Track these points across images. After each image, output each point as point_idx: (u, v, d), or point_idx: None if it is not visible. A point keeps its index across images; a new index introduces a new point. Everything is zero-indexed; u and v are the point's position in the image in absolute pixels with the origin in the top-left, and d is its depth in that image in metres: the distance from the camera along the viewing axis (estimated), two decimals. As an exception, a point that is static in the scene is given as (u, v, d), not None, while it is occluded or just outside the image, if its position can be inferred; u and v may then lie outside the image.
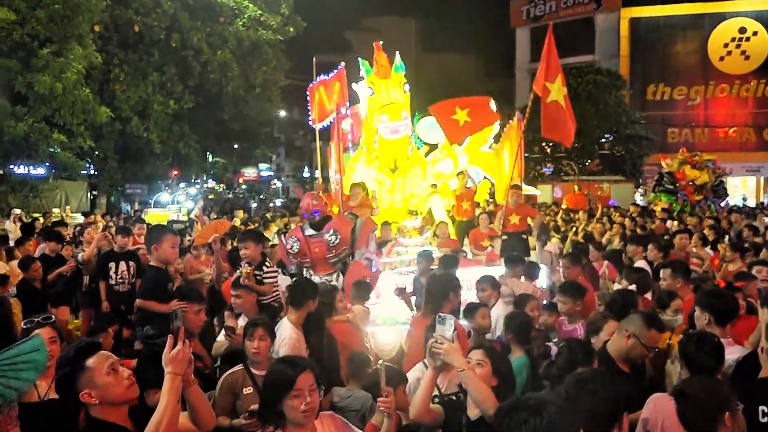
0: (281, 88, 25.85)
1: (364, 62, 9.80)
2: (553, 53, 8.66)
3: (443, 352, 2.81)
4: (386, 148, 9.77)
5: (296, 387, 2.51)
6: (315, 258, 6.59)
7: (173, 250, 5.18)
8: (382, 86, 9.59)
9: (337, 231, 6.60)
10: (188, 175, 30.38)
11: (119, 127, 19.18)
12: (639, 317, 3.64)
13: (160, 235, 5.17)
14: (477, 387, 2.87)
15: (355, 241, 6.84)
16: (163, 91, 20.07)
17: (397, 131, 9.51)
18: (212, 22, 21.16)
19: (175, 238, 5.29)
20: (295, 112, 50.83)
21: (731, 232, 11.79)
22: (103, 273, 7.12)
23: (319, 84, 10.15)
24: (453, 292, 4.72)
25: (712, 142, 31.81)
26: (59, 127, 15.92)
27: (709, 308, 3.80)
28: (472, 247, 9.70)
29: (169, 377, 2.57)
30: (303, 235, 6.68)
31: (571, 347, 3.27)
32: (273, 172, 64.61)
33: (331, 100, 9.96)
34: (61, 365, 2.60)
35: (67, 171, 17.45)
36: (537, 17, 36.49)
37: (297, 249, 6.62)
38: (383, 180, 9.82)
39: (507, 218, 8.92)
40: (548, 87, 8.45)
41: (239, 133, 28.58)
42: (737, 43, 32.29)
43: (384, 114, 9.44)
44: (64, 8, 15.30)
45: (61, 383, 2.59)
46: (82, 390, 2.49)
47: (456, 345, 2.87)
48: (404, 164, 9.96)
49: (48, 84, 14.55)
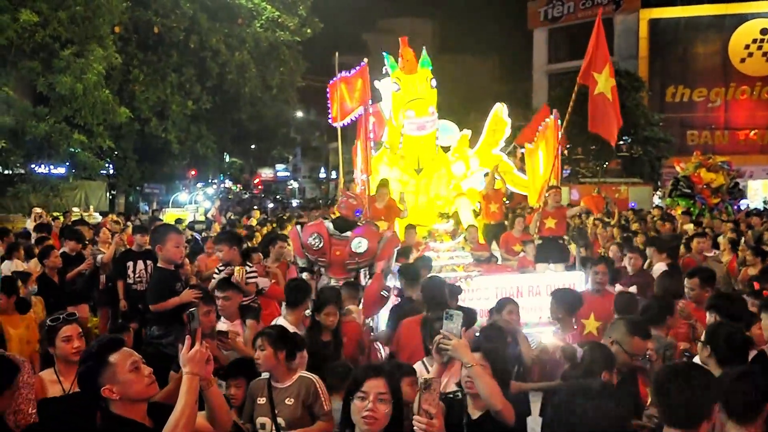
0: (298, 89, 25.95)
1: (389, 57, 9.55)
2: (602, 41, 8.12)
3: (452, 347, 2.81)
4: (411, 146, 9.43)
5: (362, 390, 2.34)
6: (334, 260, 6.44)
7: (177, 250, 5.13)
8: (409, 82, 9.23)
9: (365, 240, 6.39)
10: (206, 175, 30.64)
11: (138, 128, 19.38)
12: (623, 324, 3.65)
13: (163, 236, 5.11)
14: (486, 383, 2.88)
15: (377, 253, 6.51)
16: (182, 92, 20.24)
17: (423, 127, 9.16)
18: (231, 23, 21.31)
19: (179, 237, 5.24)
20: (311, 113, 51.01)
21: (751, 235, 11.65)
22: (121, 272, 7.20)
23: (340, 81, 9.82)
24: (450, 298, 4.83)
25: (732, 145, 31.41)
26: (79, 128, 16.11)
27: (718, 311, 3.78)
28: (502, 252, 9.36)
29: (188, 377, 2.60)
30: (327, 234, 6.53)
31: (593, 351, 3.26)
32: (289, 173, 64.91)
33: (353, 97, 9.68)
34: (84, 360, 2.65)
35: (86, 171, 17.64)
36: (555, 18, 36.30)
37: (319, 246, 6.44)
38: (407, 181, 9.49)
39: (543, 221, 8.43)
40: (595, 78, 7.95)
41: (256, 133, 28.77)
42: (759, 45, 31.85)
43: (410, 110, 9.10)
44: (85, 10, 15.49)
45: (84, 377, 2.61)
46: (104, 385, 2.53)
47: (464, 341, 2.89)
48: (430, 164, 9.59)
49: (69, 85, 14.73)
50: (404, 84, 9.24)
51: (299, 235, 6.66)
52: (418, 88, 9.21)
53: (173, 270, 5.17)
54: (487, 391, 2.85)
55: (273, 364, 3.59)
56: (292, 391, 3.57)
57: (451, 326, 2.87)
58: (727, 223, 12.40)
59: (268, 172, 64.15)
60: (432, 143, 9.59)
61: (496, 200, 10.40)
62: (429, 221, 8.96)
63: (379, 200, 8.42)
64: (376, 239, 6.49)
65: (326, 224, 6.76)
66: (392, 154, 9.62)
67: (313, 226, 6.92)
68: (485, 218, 10.29)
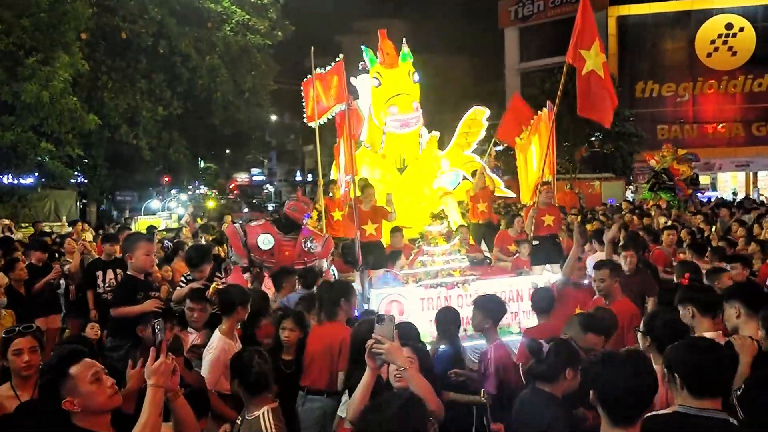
0: (271, 93, 25.80)
1: (368, 51, 9.19)
2: (589, 15, 7.47)
3: (385, 351, 2.82)
4: (394, 145, 9.05)
5: None
6: (282, 261, 6.54)
7: (147, 258, 5.10)
8: (390, 76, 8.87)
9: (313, 240, 6.69)
10: (180, 181, 30.31)
11: (108, 135, 19.10)
12: (577, 320, 3.69)
13: (133, 244, 5.09)
14: (419, 384, 2.91)
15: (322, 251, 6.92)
16: (152, 98, 19.98)
17: (407, 125, 8.82)
18: (200, 27, 21.11)
19: (149, 245, 5.20)
20: (285, 116, 50.80)
21: (720, 227, 11.87)
22: (91, 282, 7.09)
23: (315, 78, 9.37)
24: (345, 299, 4.70)
25: (701, 138, 32.01)
26: (47, 136, 15.82)
27: (691, 302, 3.80)
28: (497, 251, 8.92)
29: (152, 390, 2.59)
30: (276, 235, 6.64)
31: (559, 347, 3.27)
32: (265, 177, 64.59)
33: (329, 95, 9.18)
34: (44, 372, 2.60)
35: (56, 180, 17.36)
36: (525, 17, 36.62)
37: (270, 247, 6.57)
38: (391, 181, 9.09)
39: (539, 219, 7.90)
40: (583, 55, 7.27)
41: (230, 138, 28.51)
42: (724, 40, 32.49)
43: (393, 106, 8.73)
44: (50, 16, 15.20)
45: (44, 390, 2.57)
46: (65, 398, 2.48)
47: (397, 343, 2.88)
48: (414, 163, 9.25)
49: (35, 93, 14.45)
50: (385, 79, 8.88)
51: (239, 234, 6.68)
52: (400, 83, 8.85)
53: (142, 279, 5.09)
54: (421, 391, 2.80)
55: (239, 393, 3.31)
56: (245, 429, 3.22)
57: (383, 330, 2.85)
58: (697, 216, 12.61)
59: (243, 176, 63.73)
60: (416, 141, 9.26)
61: (484, 199, 10.01)
62: (414, 223, 8.70)
63: (365, 202, 7.96)
64: (321, 240, 6.86)
65: (272, 225, 6.89)
66: (373, 154, 9.29)
67: (259, 227, 6.95)
68: (473, 218, 9.98)
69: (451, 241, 6.52)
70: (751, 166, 32.89)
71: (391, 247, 7.98)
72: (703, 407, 2.49)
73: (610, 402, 2.37)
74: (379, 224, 8.14)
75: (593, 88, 7.31)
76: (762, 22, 32.17)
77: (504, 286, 6.07)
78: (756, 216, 12.89)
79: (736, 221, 11.56)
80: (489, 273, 7.09)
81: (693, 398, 2.50)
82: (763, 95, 32.26)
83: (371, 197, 8.12)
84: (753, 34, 32.17)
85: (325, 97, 9.22)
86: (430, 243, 6.40)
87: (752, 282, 6.03)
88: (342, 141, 7.94)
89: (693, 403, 2.50)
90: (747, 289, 4.00)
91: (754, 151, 32.09)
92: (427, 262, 6.29)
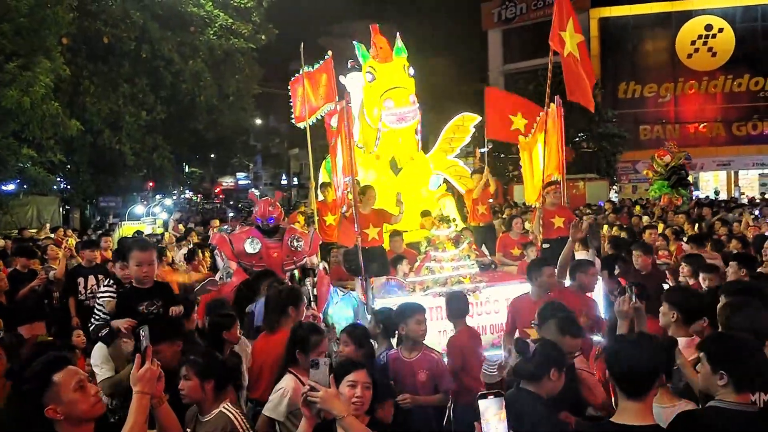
0: (255, 97, 25.72)
1: (360, 46, 8.85)
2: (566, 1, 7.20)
3: (320, 399, 2.59)
4: (388, 144, 8.67)
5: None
6: (272, 263, 6.54)
7: (139, 269, 4.95)
8: (385, 71, 8.51)
9: (299, 238, 6.69)
10: (165, 186, 30.11)
11: (91, 140, 18.91)
12: (554, 323, 3.69)
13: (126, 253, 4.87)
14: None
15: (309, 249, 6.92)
16: (135, 103, 19.83)
17: (404, 119, 8.39)
18: (183, 31, 20.99)
19: (142, 254, 5.08)
20: (270, 120, 50.68)
21: (704, 226, 12.01)
22: (72, 288, 7.03)
23: (303, 77, 9.03)
24: (293, 306, 4.48)
25: (683, 138, 32.35)
26: (28, 142, 15.62)
27: (677, 306, 3.75)
28: (500, 255, 8.57)
29: (137, 396, 2.58)
30: (262, 238, 6.66)
31: (545, 348, 3.29)
32: (251, 181, 64.39)
33: (317, 94, 8.90)
34: (28, 380, 2.54)
35: (37, 186, 17.14)
36: (508, 19, 36.84)
37: (257, 249, 6.58)
38: (385, 183, 8.66)
39: (548, 221, 7.43)
40: (563, 37, 7.08)
41: (215, 142, 28.45)
42: (704, 41, 32.91)
43: (389, 99, 8.30)
44: (30, 21, 15.02)
45: (27, 398, 2.51)
46: (48, 405, 2.44)
47: (333, 390, 2.66)
48: (409, 163, 8.92)
49: (15, 98, 14.25)
50: (380, 73, 8.53)
51: (229, 242, 6.69)
52: (395, 76, 8.49)
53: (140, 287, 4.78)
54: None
55: (199, 395, 3.29)
56: (208, 428, 3.25)
57: (318, 375, 2.63)
58: (679, 215, 12.74)
59: (229, 180, 63.59)
60: (411, 139, 8.89)
61: (483, 201, 9.66)
62: (412, 226, 8.42)
63: (364, 205, 7.55)
64: (307, 238, 6.87)
65: (256, 230, 6.86)
66: (366, 155, 8.91)
67: (244, 232, 6.96)
68: (473, 220, 9.62)
69: (460, 245, 6.13)
70: (732, 165, 33.33)
71: (392, 252, 7.63)
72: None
73: (622, 378, 2.59)
74: (381, 228, 7.78)
75: (574, 69, 7.17)
76: (741, 23, 32.65)
77: (517, 293, 5.66)
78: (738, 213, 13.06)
79: (719, 219, 11.72)
80: (498, 279, 6.76)
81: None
82: (742, 95, 32.73)
83: (372, 200, 7.80)
84: (732, 35, 32.62)
85: (314, 96, 8.93)
86: (438, 248, 6.01)
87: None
88: (339, 141, 7.45)
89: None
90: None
91: (735, 151, 32.55)
92: (435, 268, 5.94)
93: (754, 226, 10.40)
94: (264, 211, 6.84)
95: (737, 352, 2.69)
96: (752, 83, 32.57)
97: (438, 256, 5.97)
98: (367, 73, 8.65)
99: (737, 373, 2.62)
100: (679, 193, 17.63)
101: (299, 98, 9.21)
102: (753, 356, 2.66)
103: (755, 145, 32.42)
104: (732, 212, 14.99)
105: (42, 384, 2.48)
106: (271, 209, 6.87)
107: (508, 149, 28.39)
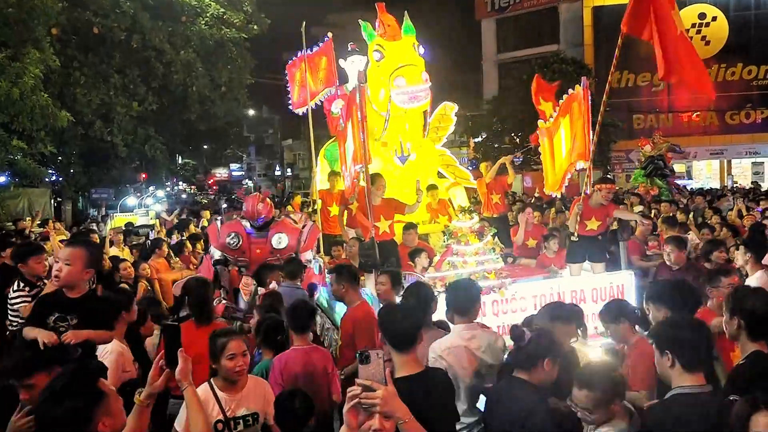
0: (248, 87, 25.59)
1: (366, 25, 8.41)
2: None
3: (380, 400, 2.04)
4: (395, 130, 8.24)
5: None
6: (255, 259, 6.52)
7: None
8: (394, 49, 8.03)
9: (284, 236, 6.61)
10: (158, 177, 29.98)
11: (82, 132, 18.76)
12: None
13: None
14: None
15: (300, 246, 6.76)
16: (126, 93, 19.66)
17: (417, 98, 7.86)
18: (174, 21, 20.78)
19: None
20: (263, 110, 50.46)
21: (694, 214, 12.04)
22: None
23: (300, 60, 8.59)
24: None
25: (676, 127, 32.39)
26: (18, 134, 15.50)
27: (660, 301, 3.79)
28: (514, 248, 8.29)
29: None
30: (246, 233, 6.62)
31: (540, 337, 3.29)
32: (244, 172, 64.26)
33: (317, 78, 8.51)
34: (76, 394, 2.25)
35: (28, 178, 17.03)
36: (502, 8, 36.68)
37: (236, 246, 6.55)
38: (392, 171, 8.23)
39: (584, 223, 7.05)
40: (672, 16, 6.48)
41: (207, 133, 28.30)
42: (697, 29, 32.83)
43: (400, 77, 7.75)
44: (18, 11, 14.85)
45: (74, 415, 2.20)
46: (98, 419, 2.22)
47: (391, 387, 2.10)
48: (418, 150, 8.50)
49: (4, 89, 14.12)
50: (388, 51, 8.03)
51: (218, 232, 6.73)
52: (405, 54, 8.01)
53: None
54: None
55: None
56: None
57: (372, 371, 2.06)
58: (662, 204, 12.73)
59: (222, 171, 63.45)
60: (419, 124, 8.49)
61: (498, 190, 9.23)
62: (420, 218, 8.13)
63: (375, 195, 6.99)
64: (296, 234, 6.74)
65: (243, 223, 6.82)
66: (372, 142, 8.18)
67: (230, 225, 6.90)
68: (486, 211, 9.22)
69: (484, 238, 5.65)
70: (725, 154, 33.40)
71: (404, 246, 7.20)
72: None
73: (682, 353, 2.65)
74: (392, 220, 7.31)
75: (687, 50, 6.63)
76: (734, 11, 32.60)
77: (544, 289, 5.40)
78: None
79: (711, 209, 11.74)
80: (520, 273, 6.33)
81: None
82: (735, 84, 32.72)
83: (382, 189, 7.33)
84: (725, 23, 32.57)
85: (313, 80, 8.54)
86: (460, 241, 5.49)
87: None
88: (349, 126, 6.79)
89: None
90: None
91: (728, 140, 32.60)
92: (458, 263, 5.42)
93: (750, 215, 10.40)
94: (252, 210, 6.75)
95: (677, 330, 2.74)
96: (745, 72, 32.57)
97: (460, 250, 5.46)
98: (375, 52, 8.14)
99: (681, 351, 2.66)
100: (653, 182, 17.61)
101: (297, 83, 8.84)
102: (693, 333, 2.70)
103: (748, 134, 32.46)
104: (719, 200, 15.11)
105: (94, 396, 2.30)
106: (260, 208, 6.77)
107: (501, 139, 28.43)
